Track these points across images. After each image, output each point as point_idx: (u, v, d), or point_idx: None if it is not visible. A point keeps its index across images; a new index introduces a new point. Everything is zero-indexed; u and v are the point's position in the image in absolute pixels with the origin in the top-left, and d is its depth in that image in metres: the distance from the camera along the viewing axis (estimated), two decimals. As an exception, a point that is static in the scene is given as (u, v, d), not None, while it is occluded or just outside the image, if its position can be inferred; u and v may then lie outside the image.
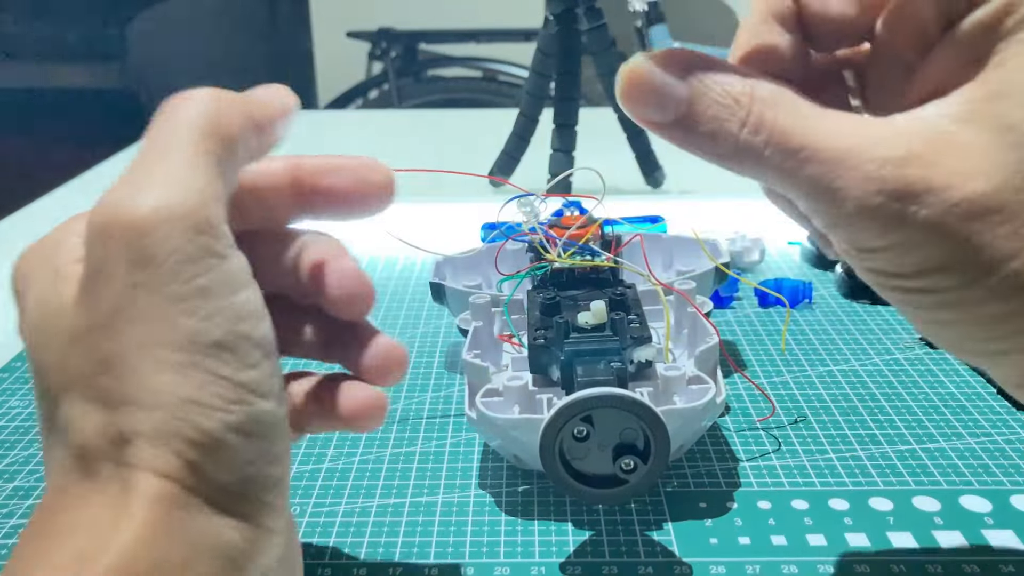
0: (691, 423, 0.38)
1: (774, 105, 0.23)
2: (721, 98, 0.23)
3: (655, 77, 0.23)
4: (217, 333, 0.23)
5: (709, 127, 0.23)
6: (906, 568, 0.35)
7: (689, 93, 0.23)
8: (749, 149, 0.23)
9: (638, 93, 0.23)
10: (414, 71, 2.29)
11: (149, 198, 0.23)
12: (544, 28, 0.80)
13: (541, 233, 0.47)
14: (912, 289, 0.23)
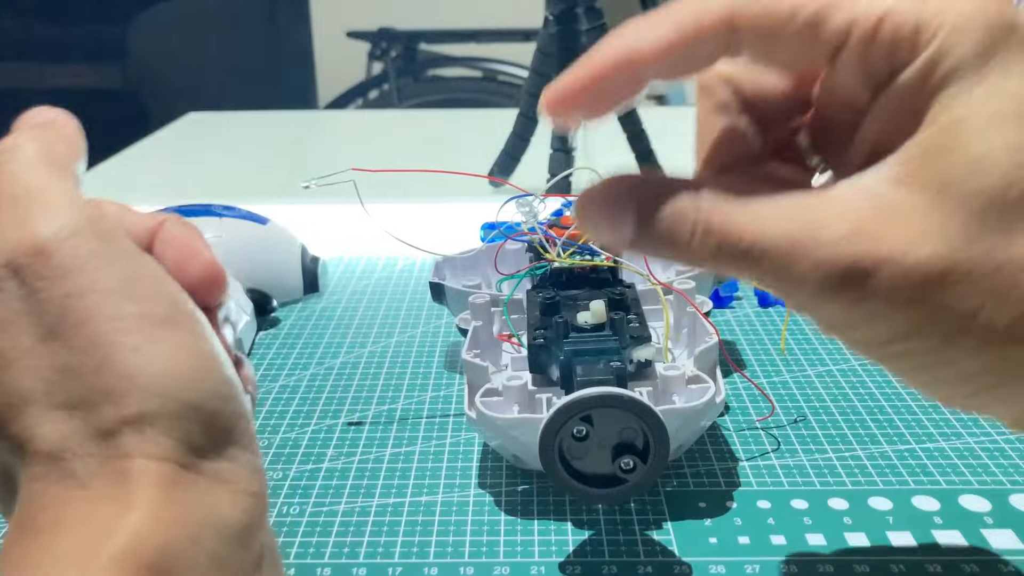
0: (691, 423, 0.38)
1: (719, 208, 0.23)
2: (669, 209, 0.24)
3: (605, 202, 0.24)
4: (162, 310, 0.24)
5: (664, 241, 0.24)
6: (906, 568, 0.35)
7: (639, 211, 0.24)
8: (705, 252, 0.23)
9: (592, 218, 0.24)
10: (414, 71, 2.29)
11: (43, 224, 0.24)
12: (544, 28, 0.80)
13: (541, 233, 0.47)
14: (890, 355, 0.24)
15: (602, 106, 0.26)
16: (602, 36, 0.86)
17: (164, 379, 0.23)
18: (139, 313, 0.23)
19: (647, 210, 0.24)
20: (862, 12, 0.22)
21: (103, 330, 0.23)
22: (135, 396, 0.23)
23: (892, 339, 0.23)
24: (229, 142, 1.16)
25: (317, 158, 1.09)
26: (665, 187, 0.24)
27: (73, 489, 0.22)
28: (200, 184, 0.96)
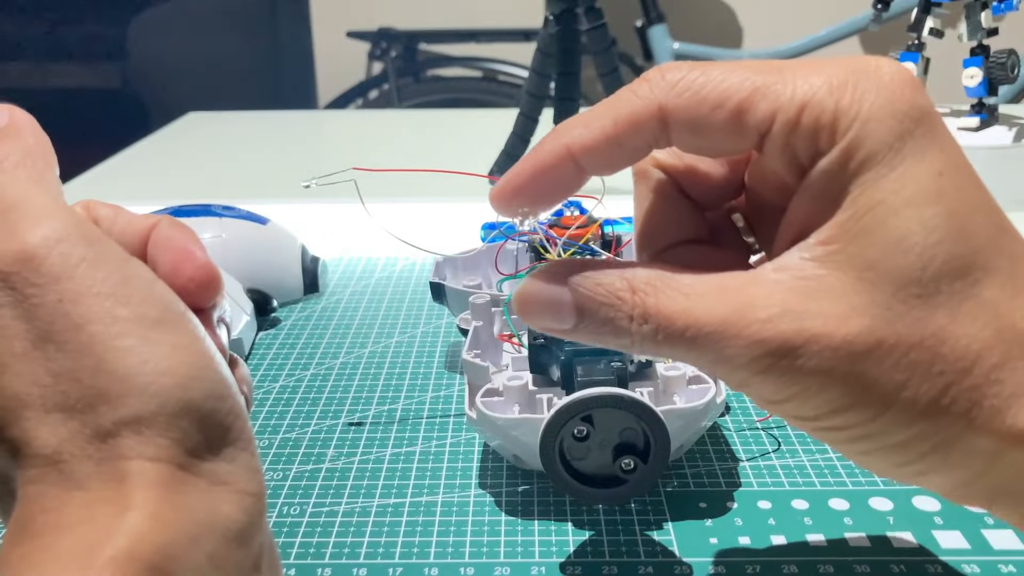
0: (691, 423, 0.38)
1: (654, 291, 0.24)
2: (605, 298, 0.24)
3: (543, 293, 0.25)
4: (155, 312, 0.24)
5: (606, 327, 0.25)
6: (906, 568, 0.35)
7: (576, 301, 0.25)
8: (644, 338, 0.24)
9: (533, 311, 0.25)
10: (414, 71, 2.29)
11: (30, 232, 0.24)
12: (544, 28, 0.80)
13: (541, 233, 0.47)
14: (826, 428, 0.24)
15: (547, 199, 0.27)
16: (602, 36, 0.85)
17: (159, 380, 0.23)
18: (132, 315, 0.24)
19: (585, 299, 0.25)
20: (785, 101, 0.24)
21: (97, 333, 0.23)
22: (131, 398, 0.23)
23: (826, 414, 0.24)
24: (229, 142, 1.16)
25: (317, 158, 1.09)
26: (602, 275, 0.25)
27: (72, 491, 0.22)
28: (200, 184, 0.96)
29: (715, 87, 0.24)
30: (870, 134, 0.23)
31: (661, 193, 0.28)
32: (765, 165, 0.25)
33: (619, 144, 0.25)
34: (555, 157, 0.26)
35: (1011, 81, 0.80)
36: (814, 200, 0.24)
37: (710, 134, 0.25)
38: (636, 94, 0.25)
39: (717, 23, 2.34)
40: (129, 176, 1.01)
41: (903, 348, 0.22)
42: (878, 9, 0.89)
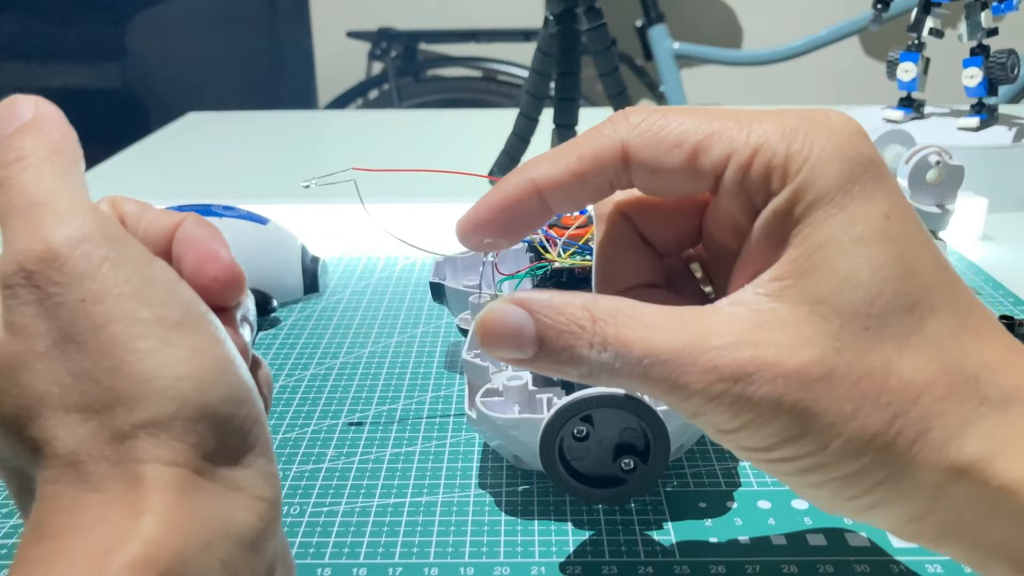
0: (691, 423, 0.38)
1: (614, 321, 0.25)
2: (566, 327, 0.25)
3: (506, 321, 0.25)
4: (176, 315, 0.24)
5: (565, 355, 0.25)
6: (906, 568, 0.35)
7: (537, 329, 0.25)
8: (602, 366, 0.25)
9: (495, 340, 0.26)
10: (414, 71, 2.29)
11: (54, 232, 0.24)
12: (544, 28, 0.80)
13: (541, 233, 0.47)
14: (776, 459, 0.25)
15: (512, 232, 0.28)
16: (602, 36, 0.85)
17: (177, 384, 0.23)
18: (153, 317, 0.24)
19: (546, 327, 0.25)
20: (740, 145, 0.25)
21: (117, 334, 0.23)
22: (148, 401, 0.23)
23: (777, 444, 0.24)
24: (229, 142, 1.16)
25: (317, 158, 1.09)
26: (564, 305, 0.25)
27: (88, 492, 0.22)
28: (200, 184, 0.96)
29: (673, 129, 0.26)
30: (820, 176, 0.24)
31: (621, 237, 0.29)
32: (720, 208, 0.26)
33: (583, 180, 0.26)
34: (521, 191, 0.27)
35: (1011, 81, 0.80)
36: (767, 239, 0.25)
37: (667, 174, 0.26)
38: (601, 133, 0.26)
39: (717, 23, 2.34)
40: (129, 176, 1.01)
41: (852, 378, 0.23)
42: (878, 9, 0.89)
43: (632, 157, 0.26)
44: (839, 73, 2.18)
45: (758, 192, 0.25)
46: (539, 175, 0.27)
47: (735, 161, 0.25)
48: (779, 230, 0.24)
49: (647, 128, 0.26)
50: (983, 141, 0.80)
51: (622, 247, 0.30)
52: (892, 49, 0.85)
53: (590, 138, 0.26)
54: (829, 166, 0.24)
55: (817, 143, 0.24)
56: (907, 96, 0.85)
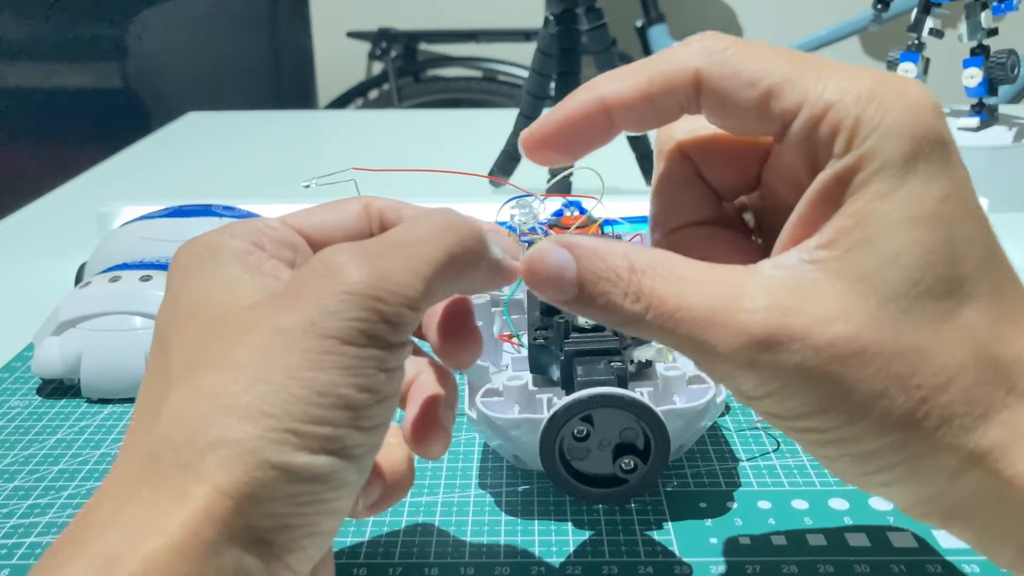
0: (691, 423, 0.38)
1: (652, 273, 0.25)
2: (605, 273, 0.25)
3: (551, 261, 0.26)
4: (349, 392, 0.23)
5: (601, 301, 0.25)
6: (906, 568, 0.35)
7: (578, 274, 0.25)
8: (634, 316, 0.25)
9: (539, 279, 0.26)
10: (414, 71, 2.29)
11: (369, 276, 0.24)
12: (544, 28, 0.80)
13: (541, 233, 0.47)
14: (799, 429, 0.25)
15: (575, 149, 0.28)
16: (602, 36, 0.86)
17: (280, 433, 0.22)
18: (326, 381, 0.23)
19: (586, 272, 0.25)
20: (813, 97, 0.24)
21: (285, 362, 0.23)
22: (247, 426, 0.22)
23: (803, 415, 0.24)
24: (229, 142, 1.16)
25: (317, 158, 1.09)
26: (607, 252, 0.25)
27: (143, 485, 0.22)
28: (200, 184, 0.96)
29: (751, 65, 0.25)
30: (885, 148, 0.23)
31: (680, 174, 0.29)
32: (783, 157, 0.26)
33: (651, 102, 0.26)
34: (589, 107, 0.26)
35: (1011, 81, 0.80)
36: (821, 202, 0.24)
37: (737, 110, 0.25)
38: (676, 55, 0.26)
39: (717, 23, 2.34)
40: (129, 176, 1.01)
41: (885, 357, 0.23)
42: (878, 9, 0.89)
43: (704, 86, 0.25)
44: (839, 73, 2.17)
45: (822, 150, 0.24)
46: (608, 92, 0.26)
47: (805, 113, 0.24)
48: (835, 195, 0.24)
49: (725, 59, 0.25)
50: (983, 141, 0.80)
51: (681, 185, 0.29)
52: (892, 49, 0.85)
53: (664, 59, 0.26)
54: (897, 139, 0.23)
55: (890, 113, 0.23)
56: (907, 96, 0.85)
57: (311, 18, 2.41)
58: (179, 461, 0.22)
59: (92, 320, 0.49)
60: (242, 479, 0.22)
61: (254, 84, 2.22)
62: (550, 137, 0.27)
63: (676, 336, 0.24)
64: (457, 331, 0.29)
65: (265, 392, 0.22)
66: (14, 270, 0.73)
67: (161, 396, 0.24)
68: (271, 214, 0.69)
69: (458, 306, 0.29)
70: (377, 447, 0.25)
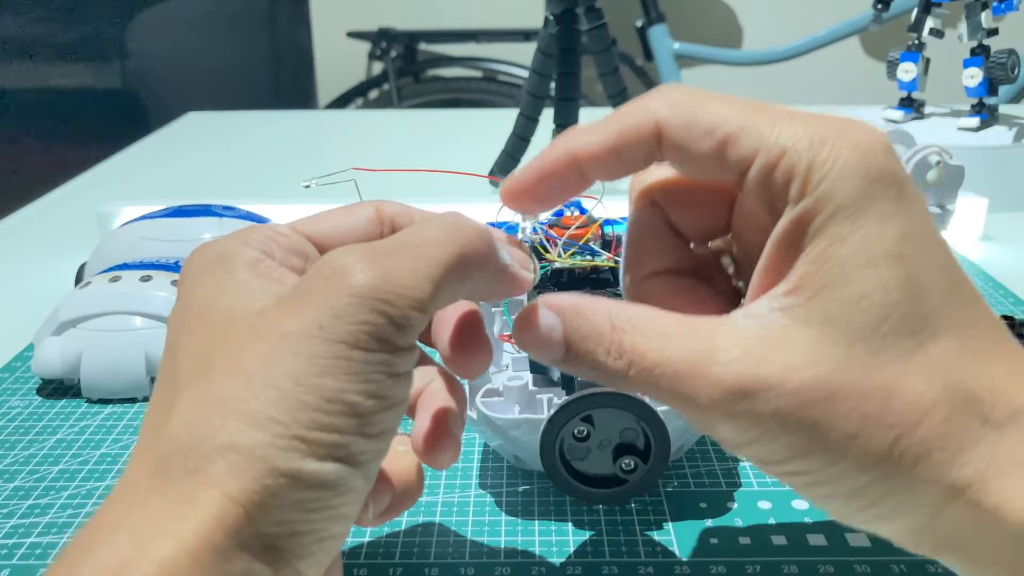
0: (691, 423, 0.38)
1: (631, 329, 0.25)
2: (587, 332, 0.26)
3: (537, 324, 0.26)
4: (356, 399, 0.23)
5: (587, 360, 0.26)
6: (906, 568, 0.35)
7: (564, 335, 0.26)
8: (617, 374, 0.25)
9: (529, 342, 0.27)
10: (414, 71, 2.29)
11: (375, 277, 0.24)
12: (544, 28, 0.80)
13: (541, 233, 0.47)
14: (786, 473, 0.25)
15: (550, 199, 0.29)
16: (602, 36, 0.85)
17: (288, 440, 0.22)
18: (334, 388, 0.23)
19: (570, 332, 0.26)
20: (766, 144, 0.25)
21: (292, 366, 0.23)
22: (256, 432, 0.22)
23: (787, 458, 0.25)
24: (229, 142, 1.16)
25: (317, 158, 1.09)
26: (590, 312, 0.26)
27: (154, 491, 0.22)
28: (200, 184, 0.97)
29: (708, 115, 0.26)
30: (839, 191, 0.24)
31: (649, 222, 0.30)
32: (744, 204, 0.27)
33: (618, 154, 0.27)
34: (560, 162, 0.27)
35: (1011, 81, 0.80)
36: (784, 247, 0.25)
37: (696, 159, 0.26)
38: (640, 108, 0.27)
39: (717, 23, 2.34)
40: (129, 176, 1.01)
41: (855, 399, 0.23)
42: (878, 9, 0.89)
43: (665, 136, 0.26)
44: (839, 73, 2.18)
45: (779, 196, 0.25)
46: (578, 146, 0.27)
47: (760, 160, 0.25)
48: (795, 240, 0.25)
49: (684, 110, 0.26)
50: (983, 141, 0.80)
51: (650, 232, 0.30)
52: (892, 49, 0.85)
53: (628, 112, 0.27)
54: (849, 181, 0.24)
55: (842, 156, 0.24)
56: (907, 96, 0.85)
57: (311, 18, 2.41)
58: (188, 466, 0.22)
59: (92, 320, 0.49)
60: (252, 486, 0.22)
61: (254, 84, 2.22)
62: (526, 190, 0.28)
63: (659, 390, 0.25)
64: (468, 341, 0.29)
65: (273, 398, 0.22)
66: (14, 270, 0.73)
67: (171, 400, 0.24)
68: (271, 214, 0.69)
69: (469, 317, 0.30)
70: (383, 453, 0.25)
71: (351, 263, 0.24)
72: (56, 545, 0.37)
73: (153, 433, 0.24)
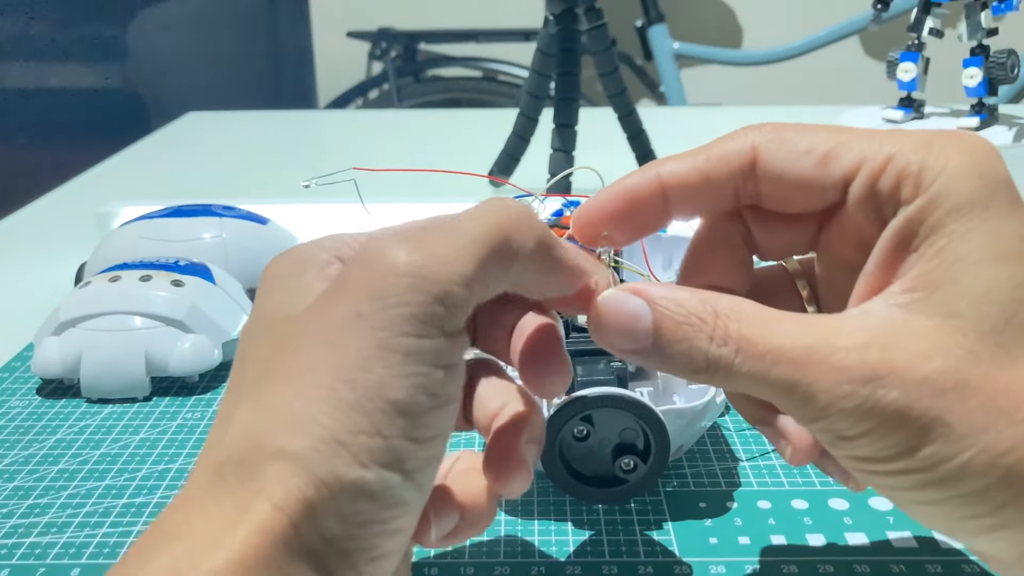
0: (691, 423, 0.38)
1: (736, 316, 0.24)
2: (686, 319, 0.25)
3: (622, 308, 0.25)
4: (401, 394, 0.22)
5: (681, 347, 0.25)
6: (906, 568, 0.35)
7: (654, 319, 0.25)
8: (720, 360, 0.24)
9: (610, 328, 0.25)
10: (414, 71, 2.29)
11: (413, 253, 0.23)
12: (544, 28, 0.80)
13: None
14: (895, 472, 0.24)
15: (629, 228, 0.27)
16: (602, 36, 0.85)
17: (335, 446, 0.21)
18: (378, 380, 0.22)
19: (664, 318, 0.25)
20: (871, 153, 0.25)
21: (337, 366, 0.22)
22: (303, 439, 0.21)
23: (898, 455, 0.23)
24: (229, 142, 1.16)
25: (317, 158, 1.09)
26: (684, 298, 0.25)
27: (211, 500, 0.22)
28: (200, 184, 0.96)
29: (805, 138, 0.25)
30: (956, 189, 0.24)
31: (724, 235, 0.29)
32: (847, 218, 0.26)
33: (708, 180, 0.26)
34: (645, 185, 0.26)
35: (1011, 81, 0.80)
36: (895, 248, 0.24)
37: (795, 180, 0.25)
38: (732, 136, 0.26)
39: (717, 23, 2.34)
40: (129, 176, 1.01)
41: (987, 391, 0.23)
42: (878, 9, 0.89)
43: (761, 161, 0.26)
44: (839, 73, 2.18)
45: (888, 201, 0.24)
46: (665, 170, 0.26)
47: (867, 168, 0.25)
48: (908, 241, 0.24)
49: (779, 135, 0.26)
50: (983, 141, 0.80)
51: (721, 244, 0.29)
52: (892, 49, 0.85)
53: (721, 140, 0.26)
54: (966, 179, 0.24)
55: (952, 158, 0.24)
56: (907, 96, 0.85)
57: (311, 18, 2.41)
58: (242, 475, 0.22)
59: (92, 320, 0.49)
60: (295, 495, 0.21)
61: (254, 84, 2.21)
62: (607, 214, 0.27)
63: (768, 379, 0.24)
64: (542, 355, 0.27)
65: (315, 398, 0.22)
66: (14, 270, 0.73)
67: (232, 409, 0.24)
68: (271, 214, 0.69)
69: (546, 329, 0.27)
70: (435, 461, 0.24)
71: (389, 244, 0.23)
72: (56, 545, 0.37)
73: (215, 442, 0.23)
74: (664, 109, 1.76)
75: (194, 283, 0.51)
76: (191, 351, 0.49)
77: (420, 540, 0.27)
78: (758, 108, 1.29)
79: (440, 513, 0.27)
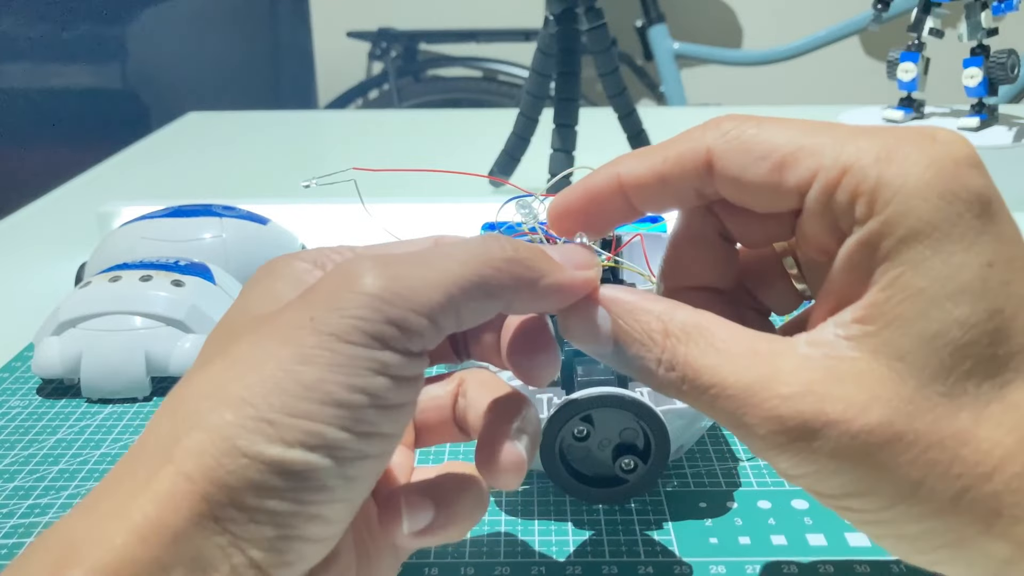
0: (691, 423, 0.38)
1: (686, 339, 0.24)
2: (639, 336, 0.25)
3: (586, 316, 0.25)
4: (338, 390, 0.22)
5: (635, 364, 0.25)
6: (906, 568, 0.35)
7: (613, 332, 0.25)
8: (669, 384, 0.24)
9: (576, 332, 0.26)
10: (414, 71, 2.29)
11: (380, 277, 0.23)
12: (544, 28, 0.80)
13: (541, 233, 0.47)
14: (842, 508, 0.24)
15: (597, 225, 0.28)
16: (602, 36, 0.85)
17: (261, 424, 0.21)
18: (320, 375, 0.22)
19: (620, 331, 0.25)
20: (828, 162, 0.23)
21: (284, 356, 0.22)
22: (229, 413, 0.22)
23: (841, 495, 0.23)
24: (229, 142, 1.16)
25: (317, 158, 1.09)
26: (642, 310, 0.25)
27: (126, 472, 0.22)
28: (200, 184, 0.96)
29: (763, 140, 0.24)
30: (913, 211, 0.22)
31: (700, 231, 0.28)
32: (806, 226, 0.25)
33: (665, 182, 0.26)
34: (605, 186, 0.27)
35: (1011, 81, 0.79)
36: (850, 269, 0.23)
37: (750, 186, 0.24)
38: (689, 136, 0.25)
39: (717, 23, 2.34)
40: (129, 176, 1.01)
41: (921, 445, 0.22)
42: (878, 9, 0.89)
43: (715, 164, 0.25)
44: (839, 73, 2.18)
45: (843, 217, 0.23)
46: (624, 170, 0.26)
47: (820, 180, 0.23)
48: (863, 265, 0.23)
49: (736, 136, 0.24)
50: (983, 141, 0.80)
51: (699, 241, 0.28)
52: (892, 49, 0.85)
53: (679, 140, 0.26)
54: (924, 201, 0.22)
55: (913, 172, 0.22)
56: (907, 96, 0.85)
57: (311, 18, 2.41)
58: (158, 446, 0.22)
59: (92, 320, 0.49)
60: (209, 463, 0.21)
61: (254, 84, 2.22)
62: (572, 211, 0.27)
63: (713, 410, 0.24)
64: (532, 341, 0.27)
65: (252, 382, 0.22)
66: (14, 270, 0.73)
67: None
68: (271, 214, 0.69)
69: (533, 320, 0.28)
70: (375, 459, 0.23)
71: (360, 265, 0.23)
72: (56, 545, 0.37)
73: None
74: (664, 109, 1.76)
75: (194, 283, 0.52)
76: (191, 351, 0.49)
77: (391, 533, 0.27)
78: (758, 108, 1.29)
79: (413, 505, 0.27)
